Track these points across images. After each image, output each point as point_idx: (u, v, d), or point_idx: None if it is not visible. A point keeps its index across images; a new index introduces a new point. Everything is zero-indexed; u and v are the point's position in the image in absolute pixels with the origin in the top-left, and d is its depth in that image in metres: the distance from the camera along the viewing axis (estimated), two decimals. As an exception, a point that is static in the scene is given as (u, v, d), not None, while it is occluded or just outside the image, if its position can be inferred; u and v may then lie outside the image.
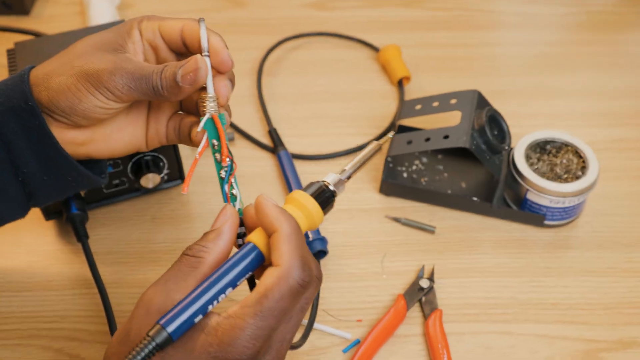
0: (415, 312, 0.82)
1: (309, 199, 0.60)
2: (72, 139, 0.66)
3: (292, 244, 0.55)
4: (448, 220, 0.91)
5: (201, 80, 0.63)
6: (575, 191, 0.85)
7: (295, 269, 0.54)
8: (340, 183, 0.63)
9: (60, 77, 0.63)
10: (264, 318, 0.53)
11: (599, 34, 1.20)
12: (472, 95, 0.92)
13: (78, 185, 0.69)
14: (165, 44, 0.66)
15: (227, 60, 0.65)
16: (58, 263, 0.85)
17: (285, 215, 0.57)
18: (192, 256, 0.57)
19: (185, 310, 0.53)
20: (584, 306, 0.83)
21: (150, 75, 0.62)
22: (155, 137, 0.70)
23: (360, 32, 1.19)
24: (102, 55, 0.63)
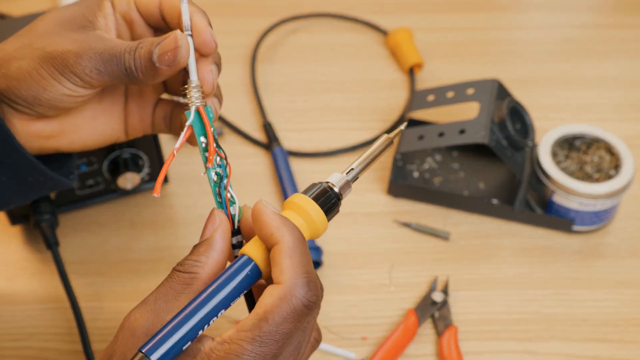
0: (427, 329, 0.82)
1: (311, 204, 0.57)
2: (38, 132, 0.64)
3: (296, 259, 0.53)
4: (464, 226, 0.91)
5: (182, 60, 0.60)
6: (608, 192, 0.85)
7: (300, 287, 0.52)
8: (346, 184, 0.60)
9: (20, 62, 0.60)
10: (264, 344, 0.51)
11: (634, 16, 1.20)
12: (492, 84, 0.92)
13: (42, 188, 0.67)
14: (141, 18, 0.64)
15: (210, 41, 0.62)
16: (25, 273, 0.85)
17: (287, 225, 0.55)
18: (185, 272, 0.55)
19: (171, 335, 0.51)
20: (618, 322, 0.83)
21: (122, 54, 0.60)
22: (139, 126, 0.68)
23: (366, 13, 1.19)
24: (68, 35, 0.61)
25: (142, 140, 0.85)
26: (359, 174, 0.61)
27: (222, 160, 0.61)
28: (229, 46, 1.11)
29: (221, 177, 0.60)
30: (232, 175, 0.92)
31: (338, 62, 1.12)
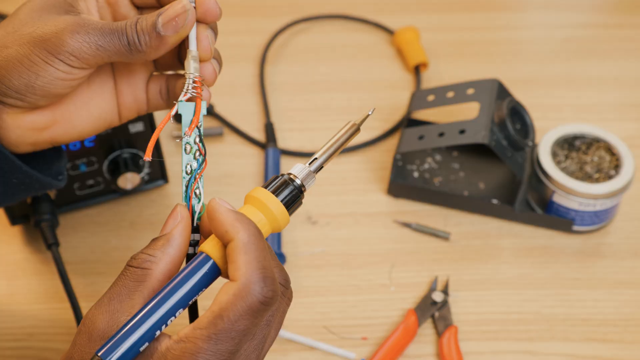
0: (427, 329, 0.82)
1: (270, 198, 0.56)
2: (31, 124, 0.62)
3: (251, 255, 0.52)
4: (464, 226, 0.91)
5: (189, 25, 0.58)
6: (608, 192, 0.85)
7: (255, 283, 0.51)
8: (309, 175, 0.58)
9: (7, 50, 0.58)
10: (220, 341, 0.50)
11: (635, 16, 1.20)
12: (492, 84, 0.92)
13: (28, 189, 0.65)
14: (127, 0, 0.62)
15: (215, 9, 0.60)
16: (25, 274, 0.84)
17: (241, 220, 0.53)
18: (137, 267, 0.54)
19: (127, 337, 0.50)
20: (618, 322, 0.82)
21: (124, 28, 0.58)
22: (133, 105, 0.66)
23: (373, 12, 1.18)
24: (55, 17, 0.58)
25: (142, 141, 0.85)
26: (324, 164, 0.60)
27: (201, 156, 0.59)
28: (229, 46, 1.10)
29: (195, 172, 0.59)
30: (232, 175, 0.94)
31: (342, 62, 1.12)
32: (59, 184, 0.67)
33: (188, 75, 0.59)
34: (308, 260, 0.87)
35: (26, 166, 0.63)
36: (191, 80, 0.59)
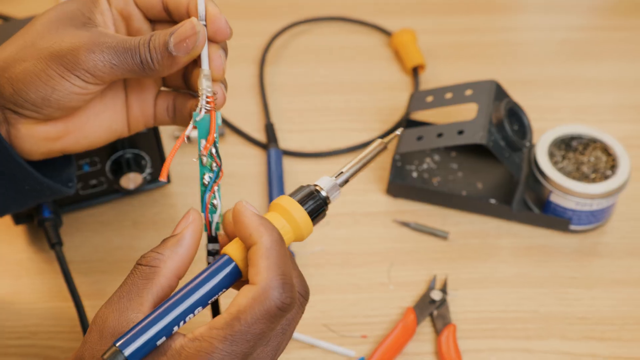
0: (426, 327, 0.82)
1: (296, 207, 0.57)
2: (45, 135, 0.62)
3: (272, 260, 0.53)
4: (463, 225, 0.91)
5: (200, 46, 0.59)
6: (604, 192, 0.85)
7: (274, 289, 0.52)
8: (335, 188, 0.60)
9: (24, 64, 0.59)
10: (235, 343, 0.51)
11: (632, 18, 1.20)
12: (490, 86, 0.92)
13: (40, 196, 0.66)
14: (140, 12, 0.63)
15: (225, 29, 0.61)
16: (28, 273, 0.85)
17: (266, 225, 0.54)
18: (146, 265, 0.55)
19: (146, 330, 0.51)
20: (615, 320, 0.83)
21: (137, 47, 0.58)
22: (141, 118, 0.67)
23: (370, 14, 1.19)
24: (72, 32, 0.59)
25: (144, 141, 0.85)
26: (350, 178, 0.61)
27: (217, 167, 0.60)
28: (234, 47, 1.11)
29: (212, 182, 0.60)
30: (234, 176, 0.94)
31: (341, 64, 1.12)
32: (69, 191, 0.67)
33: (201, 93, 0.59)
34: (308, 259, 0.87)
35: (38, 174, 0.63)
36: (205, 97, 0.59)
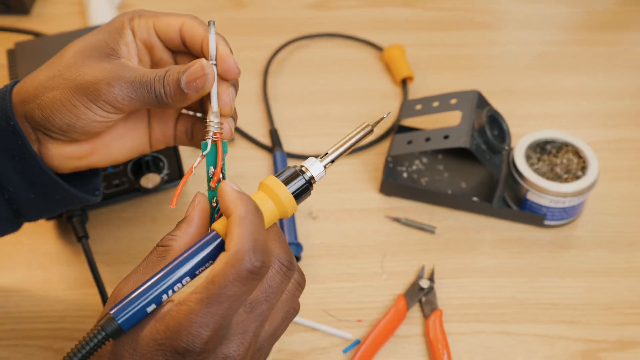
0: (415, 312, 0.82)
1: (279, 185, 0.56)
2: (72, 154, 0.63)
3: (246, 227, 0.51)
4: (448, 221, 0.91)
5: (208, 86, 0.58)
6: (575, 191, 0.86)
7: (245, 253, 0.50)
8: (319, 168, 0.58)
9: (52, 92, 0.59)
10: (210, 305, 0.49)
11: (600, 34, 1.21)
12: (472, 95, 0.92)
13: (69, 204, 0.66)
14: (161, 42, 0.62)
15: (234, 69, 0.60)
16: (58, 263, 0.85)
17: (241, 198, 0.53)
18: (162, 246, 0.55)
19: (137, 299, 0.51)
20: (584, 306, 0.83)
21: (152, 82, 0.58)
22: (162, 139, 0.67)
23: (362, 32, 1.19)
24: (96, 64, 0.59)
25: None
26: (335, 159, 0.59)
27: None
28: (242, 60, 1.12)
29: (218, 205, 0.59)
30: (243, 176, 0.95)
31: (338, 76, 1.12)
32: (95, 199, 0.68)
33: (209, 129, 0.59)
34: (309, 251, 0.87)
35: (67, 185, 0.64)
36: (212, 133, 0.59)
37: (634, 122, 1.05)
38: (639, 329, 0.81)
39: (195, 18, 0.62)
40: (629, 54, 1.18)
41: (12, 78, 0.87)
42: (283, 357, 0.78)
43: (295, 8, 1.24)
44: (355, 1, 1.26)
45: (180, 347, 0.50)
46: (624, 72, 1.14)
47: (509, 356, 0.78)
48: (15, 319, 0.79)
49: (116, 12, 1.16)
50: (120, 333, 0.51)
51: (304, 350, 0.78)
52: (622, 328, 0.81)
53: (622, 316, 0.82)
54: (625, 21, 1.23)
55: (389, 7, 1.25)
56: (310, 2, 1.25)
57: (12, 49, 0.91)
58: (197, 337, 0.49)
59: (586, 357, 0.78)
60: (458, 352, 0.78)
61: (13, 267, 0.84)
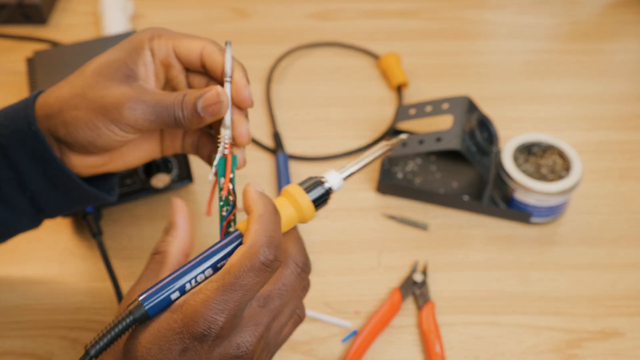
0: (409, 304, 0.82)
1: (300, 193, 0.57)
2: (91, 164, 0.64)
3: (262, 224, 0.53)
4: (440, 218, 0.91)
5: (223, 112, 0.59)
6: (560, 191, 0.86)
7: (260, 247, 0.51)
8: (338, 181, 0.60)
9: (76, 112, 0.59)
10: (226, 292, 0.50)
11: (583, 43, 1.20)
12: (463, 100, 0.92)
13: (86, 202, 0.67)
14: (179, 63, 0.63)
15: (248, 100, 0.61)
16: (74, 258, 0.85)
17: (262, 198, 0.55)
18: (157, 253, 0.56)
19: (164, 288, 0.52)
20: (568, 299, 0.83)
21: (172, 106, 0.59)
22: (171, 147, 0.67)
23: (359, 41, 1.19)
24: (117, 87, 0.59)
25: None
26: (354, 173, 0.61)
27: (233, 201, 0.60)
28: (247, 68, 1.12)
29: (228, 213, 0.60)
30: (247, 176, 0.95)
31: (337, 82, 1.12)
32: (111, 199, 0.68)
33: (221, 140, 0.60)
34: (310, 247, 0.86)
35: (87, 185, 0.64)
36: (223, 144, 0.60)
37: (615, 125, 1.05)
38: (620, 320, 0.81)
39: (215, 44, 0.62)
40: (610, 62, 1.17)
41: (32, 84, 0.87)
42: (284, 346, 0.77)
43: (296, 18, 1.24)
44: (353, 12, 1.26)
45: (197, 332, 0.50)
46: (605, 79, 1.14)
47: (498, 346, 0.78)
48: (35, 311, 0.80)
49: (129, 22, 1.16)
50: (146, 318, 0.51)
51: (304, 340, 0.78)
52: (604, 319, 0.81)
53: (604, 308, 0.82)
54: (607, 31, 1.23)
55: (385, 17, 1.25)
56: (311, 12, 1.25)
57: (31, 57, 0.91)
58: (213, 323, 0.50)
59: (570, 347, 0.78)
60: (450, 342, 0.78)
61: (32, 262, 0.84)
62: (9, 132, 0.61)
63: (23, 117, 0.61)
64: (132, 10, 1.21)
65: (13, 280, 0.82)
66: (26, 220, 0.67)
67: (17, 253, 0.85)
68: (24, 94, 1.01)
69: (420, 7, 1.27)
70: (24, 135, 0.61)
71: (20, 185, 0.63)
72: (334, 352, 0.77)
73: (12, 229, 0.67)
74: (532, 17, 1.26)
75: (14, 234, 0.68)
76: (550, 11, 1.27)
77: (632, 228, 0.91)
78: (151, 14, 1.23)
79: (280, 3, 1.26)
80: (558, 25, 1.25)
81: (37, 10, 1.18)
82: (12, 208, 0.64)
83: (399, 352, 0.78)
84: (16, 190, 0.63)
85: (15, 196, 0.64)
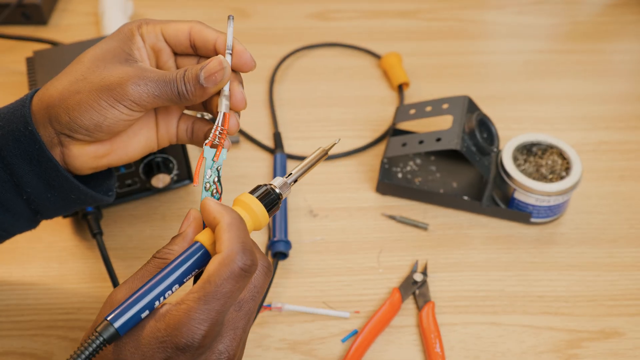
0: (409, 304, 0.82)
1: (254, 201, 0.58)
2: (93, 154, 0.63)
3: (233, 232, 0.53)
4: (440, 218, 0.91)
5: (226, 79, 0.60)
6: (560, 190, 0.86)
7: (236, 253, 0.52)
8: (286, 186, 0.61)
9: (78, 95, 0.59)
10: (208, 302, 0.51)
11: (583, 43, 1.20)
12: (463, 100, 0.92)
13: (83, 203, 0.67)
14: (168, 47, 0.64)
15: (250, 61, 0.63)
16: (74, 258, 0.85)
17: (226, 209, 0.55)
18: (159, 258, 0.56)
19: (132, 305, 0.52)
20: (568, 298, 0.83)
21: (174, 80, 0.60)
22: (166, 137, 0.67)
23: (361, 41, 1.19)
24: (118, 67, 0.60)
25: (172, 147, 0.85)
26: (298, 178, 0.62)
27: (217, 194, 0.62)
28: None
29: None
30: (246, 176, 0.95)
31: (338, 82, 1.12)
32: (109, 200, 0.68)
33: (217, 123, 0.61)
34: (310, 247, 0.87)
35: (83, 186, 0.64)
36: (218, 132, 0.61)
37: (615, 125, 1.05)
38: (620, 320, 0.81)
39: (202, 23, 0.63)
40: (610, 62, 1.17)
41: (32, 84, 0.87)
42: (284, 346, 0.77)
43: (297, 18, 1.24)
44: (354, 12, 1.26)
45: (180, 343, 0.50)
46: (605, 79, 1.14)
47: (498, 346, 0.78)
48: (35, 310, 0.79)
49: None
50: (116, 337, 0.51)
51: (304, 340, 0.78)
52: (604, 319, 0.81)
53: (604, 308, 0.82)
54: (607, 31, 1.23)
55: (386, 18, 1.25)
56: (312, 12, 1.25)
57: (31, 57, 0.91)
58: (195, 333, 0.50)
59: (570, 347, 0.78)
60: (450, 341, 0.78)
61: (32, 262, 0.84)
62: (4, 132, 0.61)
63: (19, 117, 0.61)
64: (132, 10, 1.21)
65: (13, 280, 0.82)
66: (23, 222, 0.67)
67: (17, 253, 0.85)
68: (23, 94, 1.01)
69: (420, 7, 1.27)
70: (19, 136, 0.61)
71: (17, 187, 0.63)
72: (334, 352, 0.77)
73: (9, 231, 0.67)
74: (532, 17, 1.26)
75: (11, 235, 0.68)
76: (550, 11, 1.27)
77: (632, 228, 0.91)
78: (151, 14, 1.23)
79: (280, 3, 1.26)
80: (558, 25, 1.25)
81: (37, 10, 1.18)
82: (8, 210, 0.64)
83: (399, 352, 0.78)
84: (12, 193, 0.63)
85: (11, 198, 0.63)
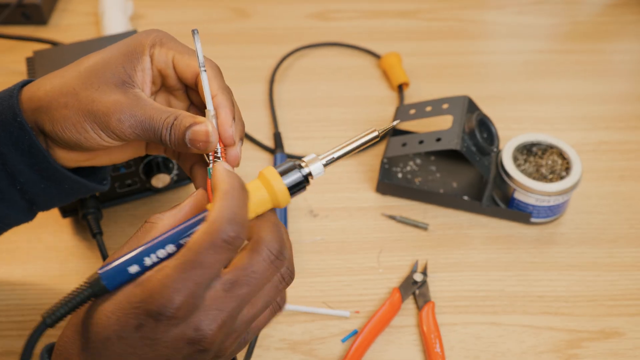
0: (409, 304, 0.82)
1: (275, 176, 0.54)
2: (76, 158, 0.63)
3: (226, 201, 0.50)
4: (440, 218, 0.91)
5: (211, 149, 0.58)
6: (560, 190, 0.86)
7: (222, 223, 0.49)
8: (319, 166, 0.56)
9: (64, 110, 0.59)
10: (186, 270, 0.48)
11: (583, 43, 1.20)
12: (463, 100, 0.92)
13: (78, 193, 0.66)
14: (176, 74, 0.62)
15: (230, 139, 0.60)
16: (74, 258, 0.85)
17: (229, 175, 0.52)
18: (148, 222, 0.54)
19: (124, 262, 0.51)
20: (568, 298, 0.83)
21: (160, 128, 0.58)
22: (154, 149, 0.67)
23: (360, 41, 1.19)
24: (110, 91, 0.58)
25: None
26: (338, 159, 0.57)
27: None
28: (245, 68, 1.12)
29: None
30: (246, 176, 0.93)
31: (338, 82, 1.12)
32: (103, 188, 0.67)
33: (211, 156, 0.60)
34: (310, 246, 0.87)
35: (75, 175, 0.64)
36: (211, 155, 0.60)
37: (615, 125, 1.05)
38: (620, 320, 0.81)
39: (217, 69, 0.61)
40: (610, 62, 1.17)
41: (31, 84, 0.87)
42: (284, 346, 0.77)
43: (296, 18, 1.24)
44: (354, 12, 1.26)
45: (152, 310, 0.48)
46: (605, 79, 1.14)
47: (498, 346, 0.78)
48: (36, 311, 0.79)
49: (128, 22, 1.16)
50: (105, 292, 0.50)
51: (304, 340, 0.78)
52: (604, 319, 0.81)
53: (604, 308, 0.82)
54: (607, 31, 1.23)
55: (386, 17, 1.25)
56: (312, 12, 1.25)
57: (31, 57, 0.91)
58: (169, 301, 0.48)
59: (570, 347, 0.78)
60: (450, 341, 0.78)
61: (33, 262, 0.84)
62: None
63: (7, 107, 0.60)
64: (132, 10, 1.21)
65: (13, 280, 0.82)
66: (19, 213, 0.66)
67: (17, 253, 0.85)
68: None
69: (420, 7, 1.27)
70: (9, 126, 0.60)
71: (10, 177, 0.62)
72: (334, 352, 0.77)
73: (6, 223, 0.67)
74: (532, 17, 1.26)
75: (8, 227, 0.68)
76: (550, 11, 1.27)
77: (632, 228, 0.91)
78: (151, 14, 1.23)
79: (280, 3, 1.26)
80: (558, 25, 1.25)
81: (37, 10, 1.18)
82: (3, 201, 0.64)
83: (399, 352, 0.78)
84: (6, 183, 0.62)
85: (5, 188, 0.63)
